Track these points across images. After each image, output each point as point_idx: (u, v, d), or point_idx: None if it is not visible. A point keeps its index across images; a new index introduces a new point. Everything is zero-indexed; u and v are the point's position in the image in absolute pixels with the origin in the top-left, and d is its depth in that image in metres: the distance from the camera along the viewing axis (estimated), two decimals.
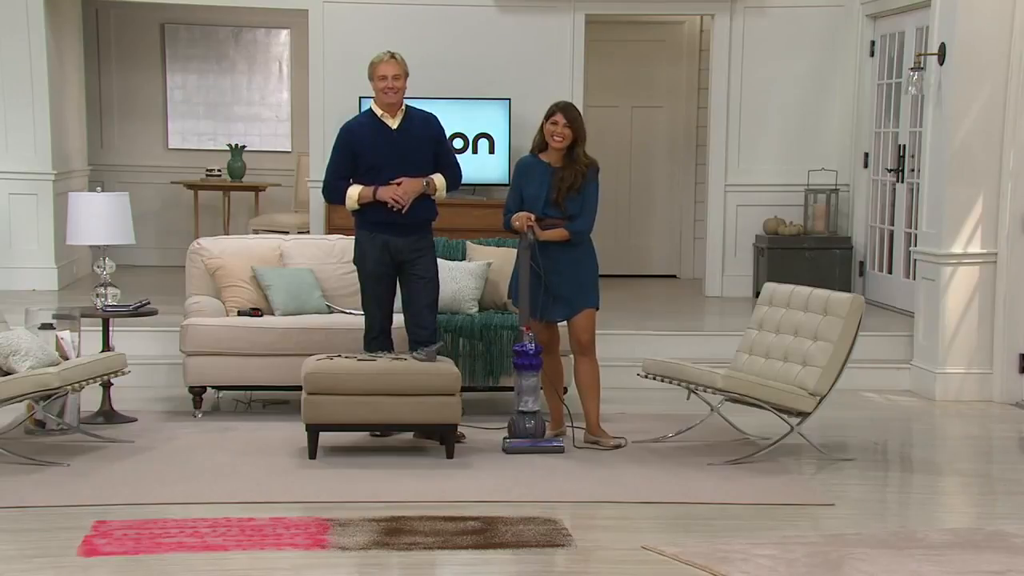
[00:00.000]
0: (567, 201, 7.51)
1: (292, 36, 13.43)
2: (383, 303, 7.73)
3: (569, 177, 7.52)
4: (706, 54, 12.62)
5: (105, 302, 8.12)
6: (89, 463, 7.06)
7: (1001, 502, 6.90)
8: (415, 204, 7.61)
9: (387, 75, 7.58)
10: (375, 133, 7.61)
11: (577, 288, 7.57)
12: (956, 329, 9.19)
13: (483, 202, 11.39)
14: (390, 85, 7.58)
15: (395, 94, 7.60)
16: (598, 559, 5.74)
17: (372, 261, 7.67)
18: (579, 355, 7.66)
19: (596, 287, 7.68)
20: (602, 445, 7.56)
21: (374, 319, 7.72)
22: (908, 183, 10.66)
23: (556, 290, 7.53)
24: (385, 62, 7.62)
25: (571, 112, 7.56)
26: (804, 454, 7.51)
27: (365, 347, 7.69)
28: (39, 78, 11.21)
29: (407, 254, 7.65)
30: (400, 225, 7.62)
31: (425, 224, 7.73)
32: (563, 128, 7.51)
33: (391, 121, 7.64)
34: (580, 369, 7.66)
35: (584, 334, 7.60)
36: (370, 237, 7.68)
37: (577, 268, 7.57)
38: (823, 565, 5.56)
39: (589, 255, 7.66)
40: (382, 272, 7.68)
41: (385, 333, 7.73)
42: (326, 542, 5.79)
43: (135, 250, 11.11)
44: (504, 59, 11.60)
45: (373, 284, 7.71)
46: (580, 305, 7.58)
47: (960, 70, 9.04)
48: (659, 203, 13.28)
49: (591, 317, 7.62)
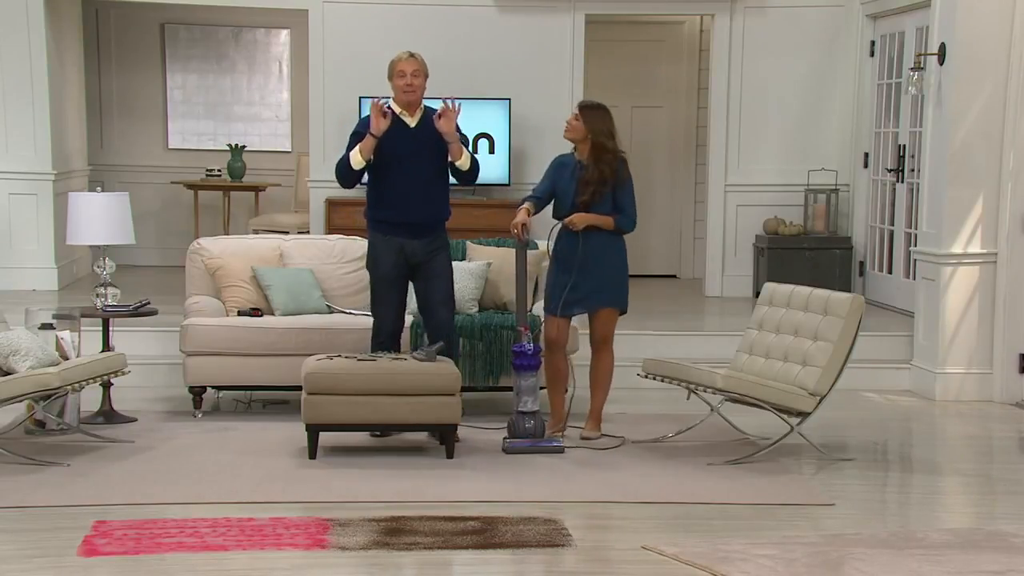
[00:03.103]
0: (600, 203, 7.53)
1: (292, 36, 13.43)
2: (395, 306, 7.70)
3: (594, 175, 7.54)
4: (706, 54, 12.63)
5: (105, 302, 8.12)
6: (89, 463, 7.06)
7: (1001, 502, 6.90)
8: (434, 203, 7.61)
9: (406, 72, 7.57)
10: (393, 128, 7.55)
11: (608, 282, 7.60)
12: (956, 329, 9.19)
13: (483, 202, 11.39)
14: (409, 83, 7.57)
15: (414, 92, 7.59)
16: (598, 559, 5.74)
17: (386, 264, 7.63)
18: (600, 350, 7.71)
19: (625, 288, 7.71)
20: (594, 444, 7.57)
21: (384, 322, 7.68)
22: (908, 183, 10.66)
23: (583, 283, 7.54)
24: (405, 60, 7.61)
25: (586, 112, 7.62)
26: (804, 454, 7.51)
27: (372, 349, 7.67)
28: (39, 78, 11.22)
29: (422, 255, 7.64)
30: (414, 226, 7.60)
31: (439, 224, 7.72)
32: (573, 121, 7.61)
33: (410, 119, 7.62)
34: (602, 360, 7.71)
35: (605, 328, 7.67)
36: (384, 240, 7.64)
37: (608, 263, 7.60)
38: (823, 565, 5.56)
39: (621, 253, 7.69)
40: (396, 275, 7.65)
41: (394, 336, 7.70)
42: (326, 542, 5.79)
43: (135, 250, 11.12)
44: (504, 59, 11.61)
45: (386, 287, 7.67)
46: (607, 301, 7.61)
47: (960, 70, 9.04)
48: (659, 203, 13.27)
49: (611, 315, 7.68)
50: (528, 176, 11.41)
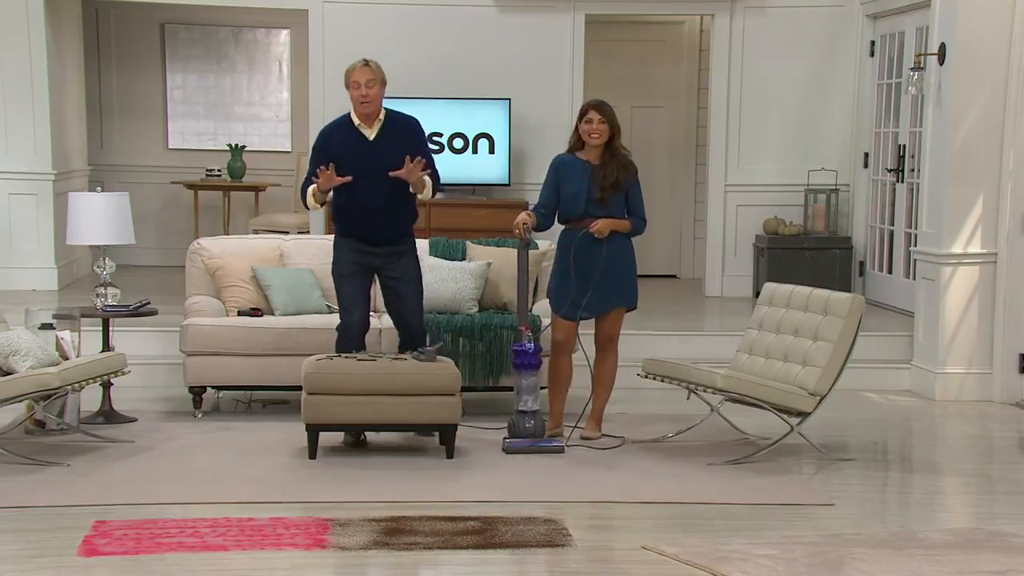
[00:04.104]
0: (612, 200, 7.52)
1: (292, 36, 13.43)
2: (361, 304, 7.55)
3: (612, 174, 7.52)
4: (706, 54, 12.63)
5: (105, 302, 8.12)
6: (89, 463, 7.06)
7: (1001, 502, 6.90)
8: (396, 216, 7.51)
9: (360, 82, 7.33)
10: (351, 143, 7.42)
11: (622, 283, 7.60)
12: (956, 329, 9.19)
13: (483, 202, 11.39)
14: (363, 94, 7.33)
15: (369, 104, 7.36)
16: (598, 559, 5.74)
17: (348, 263, 7.54)
18: (606, 349, 7.70)
19: (635, 285, 7.72)
20: (594, 444, 7.57)
21: (352, 318, 7.54)
22: (908, 183, 10.66)
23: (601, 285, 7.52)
24: (358, 69, 7.36)
25: (604, 109, 7.56)
26: (804, 454, 7.51)
27: (337, 348, 7.53)
28: (39, 78, 11.22)
29: (385, 258, 7.54)
30: (377, 239, 7.50)
31: (404, 231, 7.61)
32: (599, 124, 7.52)
33: (368, 131, 7.44)
34: (607, 359, 7.70)
35: (613, 329, 7.67)
36: (346, 242, 7.57)
37: (623, 264, 7.60)
38: (823, 565, 5.56)
39: (631, 253, 7.69)
40: (357, 271, 7.54)
41: (361, 336, 7.57)
42: (326, 542, 5.79)
43: (135, 250, 11.11)
44: (504, 59, 11.60)
45: (350, 284, 7.55)
46: (620, 301, 7.62)
47: (960, 70, 9.04)
48: (659, 203, 13.24)
49: (620, 315, 7.68)
50: (528, 176, 11.41)
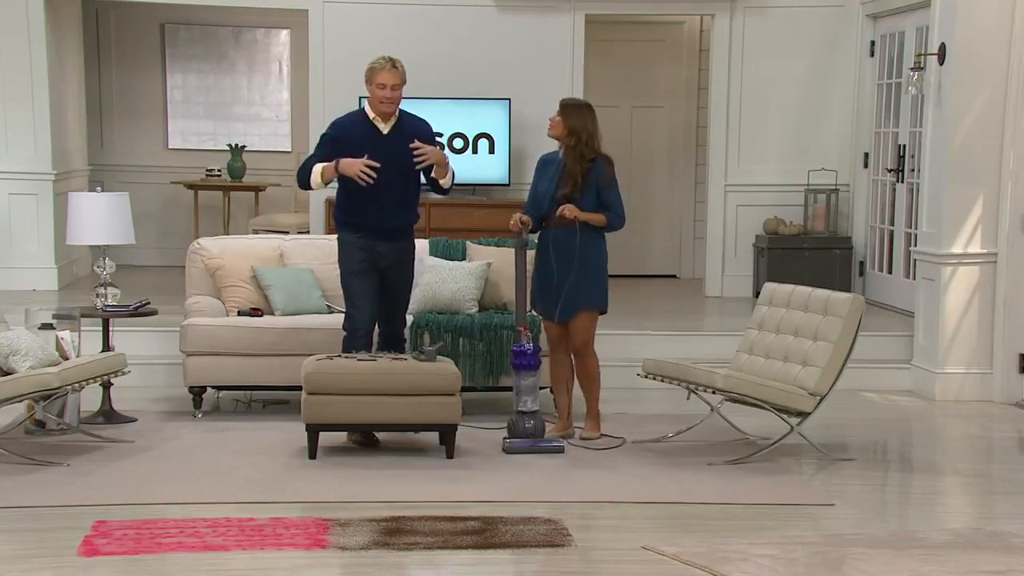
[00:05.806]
0: (581, 199, 7.50)
1: (292, 36, 13.44)
2: (371, 301, 7.56)
3: (573, 172, 7.53)
4: (706, 54, 12.63)
5: (105, 302, 8.12)
6: (89, 463, 7.06)
7: (1001, 502, 6.90)
8: (400, 212, 7.55)
9: (386, 84, 7.44)
10: (365, 135, 7.50)
11: (589, 285, 7.56)
12: (956, 329, 9.19)
13: (483, 202, 11.40)
14: (388, 95, 7.45)
15: (392, 104, 7.49)
16: (598, 559, 5.74)
17: (356, 260, 7.55)
18: (582, 354, 7.67)
19: (602, 289, 7.66)
20: (594, 444, 7.57)
21: (362, 317, 7.54)
22: (908, 183, 10.66)
23: (562, 284, 7.51)
24: (387, 71, 7.45)
25: (567, 107, 7.61)
26: (804, 454, 7.51)
27: (345, 348, 7.53)
28: (39, 78, 11.22)
29: (391, 260, 7.58)
30: (386, 231, 7.55)
31: (409, 228, 7.67)
32: (555, 116, 7.59)
33: (382, 126, 7.54)
34: (585, 365, 7.66)
35: (578, 338, 7.60)
36: (355, 238, 7.58)
37: (593, 266, 7.57)
38: (823, 565, 5.56)
39: (602, 253, 7.66)
40: (367, 268, 7.56)
41: (369, 334, 7.58)
42: (326, 542, 5.79)
43: (135, 250, 11.11)
44: (504, 59, 11.61)
45: (360, 281, 7.56)
46: (581, 304, 7.57)
47: (960, 70, 9.04)
48: (659, 203, 13.28)
49: (589, 319, 7.61)
50: (528, 176, 11.25)
